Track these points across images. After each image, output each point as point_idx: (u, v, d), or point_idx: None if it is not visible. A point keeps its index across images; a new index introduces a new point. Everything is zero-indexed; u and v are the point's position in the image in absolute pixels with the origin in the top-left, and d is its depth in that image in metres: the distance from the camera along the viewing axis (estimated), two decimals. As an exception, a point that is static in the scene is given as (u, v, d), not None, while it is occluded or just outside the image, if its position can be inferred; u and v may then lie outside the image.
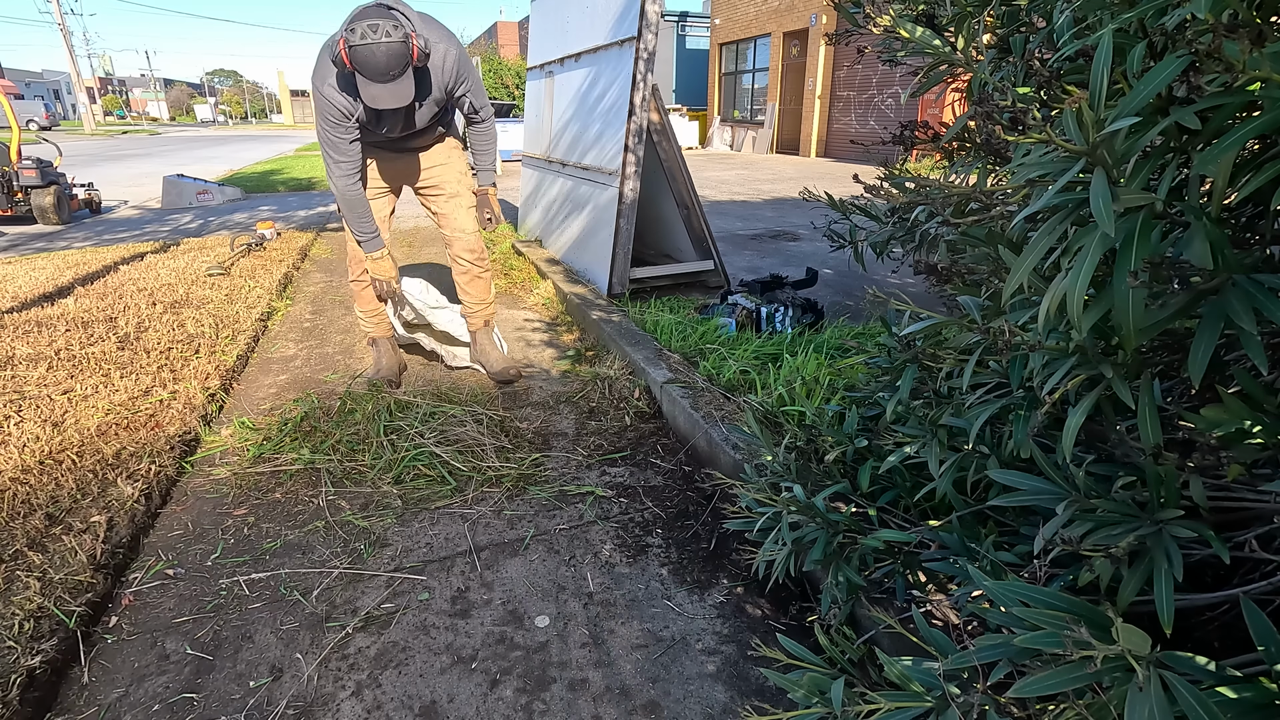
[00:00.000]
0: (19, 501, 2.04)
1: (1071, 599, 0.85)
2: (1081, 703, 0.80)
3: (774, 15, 16.80)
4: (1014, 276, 0.90)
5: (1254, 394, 0.84)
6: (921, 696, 0.97)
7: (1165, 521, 0.90)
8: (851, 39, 1.81)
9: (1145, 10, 0.85)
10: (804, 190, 2.44)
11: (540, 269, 4.94)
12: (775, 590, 1.79)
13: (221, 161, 17.14)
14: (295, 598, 1.78)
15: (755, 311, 3.40)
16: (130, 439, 2.43)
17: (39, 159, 7.67)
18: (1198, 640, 1.09)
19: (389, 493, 2.25)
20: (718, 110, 20.36)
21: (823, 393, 2.30)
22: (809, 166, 13.78)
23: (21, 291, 4.37)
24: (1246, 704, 0.72)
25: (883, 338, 1.59)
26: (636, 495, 2.25)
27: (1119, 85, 0.86)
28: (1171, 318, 0.84)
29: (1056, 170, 0.83)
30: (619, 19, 3.97)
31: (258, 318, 3.90)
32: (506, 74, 20.52)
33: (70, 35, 34.28)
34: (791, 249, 5.80)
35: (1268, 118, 0.71)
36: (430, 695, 1.48)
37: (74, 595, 1.68)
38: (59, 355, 3.19)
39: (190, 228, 7.45)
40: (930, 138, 1.72)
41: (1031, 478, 1.07)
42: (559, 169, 5.10)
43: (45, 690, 1.47)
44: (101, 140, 27.77)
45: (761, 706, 1.43)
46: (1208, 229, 0.76)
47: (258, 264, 5.22)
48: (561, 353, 3.54)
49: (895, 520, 1.48)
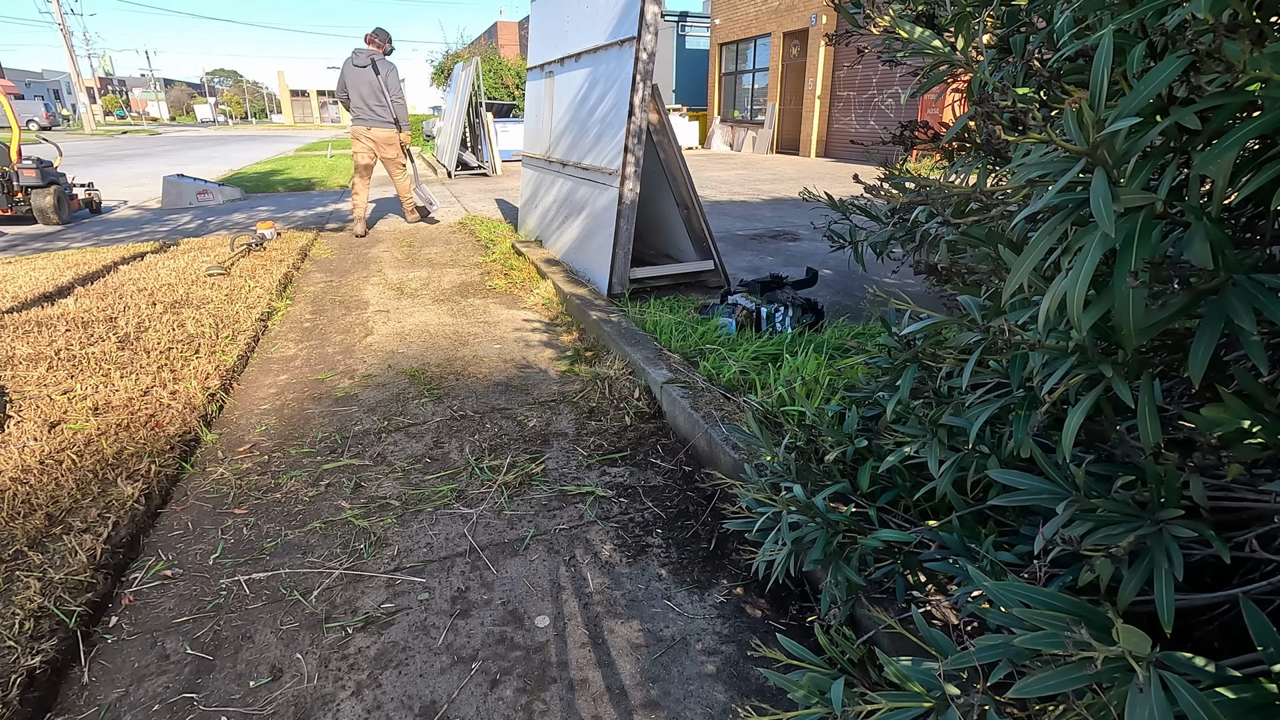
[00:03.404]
0: (19, 501, 2.04)
1: (1071, 599, 0.85)
2: (1081, 703, 0.80)
3: (774, 15, 16.80)
4: (1014, 276, 0.90)
5: (1254, 394, 0.84)
6: (921, 697, 0.97)
7: (1165, 521, 0.90)
8: (851, 39, 1.81)
9: (1145, 10, 0.85)
10: (804, 190, 2.44)
11: (540, 269, 4.94)
12: (775, 590, 1.79)
13: (221, 161, 17.14)
14: (295, 598, 1.78)
15: (755, 311, 3.40)
16: (130, 439, 2.43)
17: (39, 159, 7.67)
18: (1198, 640, 1.09)
19: (389, 492, 2.25)
20: (718, 110, 20.36)
21: (823, 393, 2.30)
22: (809, 166, 13.78)
23: (21, 291, 4.37)
24: (1246, 704, 0.72)
25: (883, 337, 1.59)
26: (636, 495, 2.25)
27: (1119, 85, 0.86)
28: (1172, 318, 0.84)
29: (1057, 170, 0.83)
30: (619, 19, 3.97)
31: (258, 318, 3.90)
32: (506, 74, 20.50)
33: (70, 35, 34.28)
34: (791, 249, 5.80)
35: (1267, 118, 0.71)
36: (430, 695, 1.48)
37: (74, 595, 1.68)
38: (59, 355, 3.19)
39: (189, 228, 7.45)
40: (930, 138, 1.72)
41: (1031, 477, 1.07)
42: (559, 169, 5.10)
43: (45, 690, 1.47)
44: (101, 140, 27.77)
45: (761, 707, 1.43)
46: (1208, 229, 0.76)
47: (258, 264, 5.22)
48: (561, 353, 3.54)
49: (895, 520, 1.48)
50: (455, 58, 22.87)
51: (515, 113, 16.38)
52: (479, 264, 5.66)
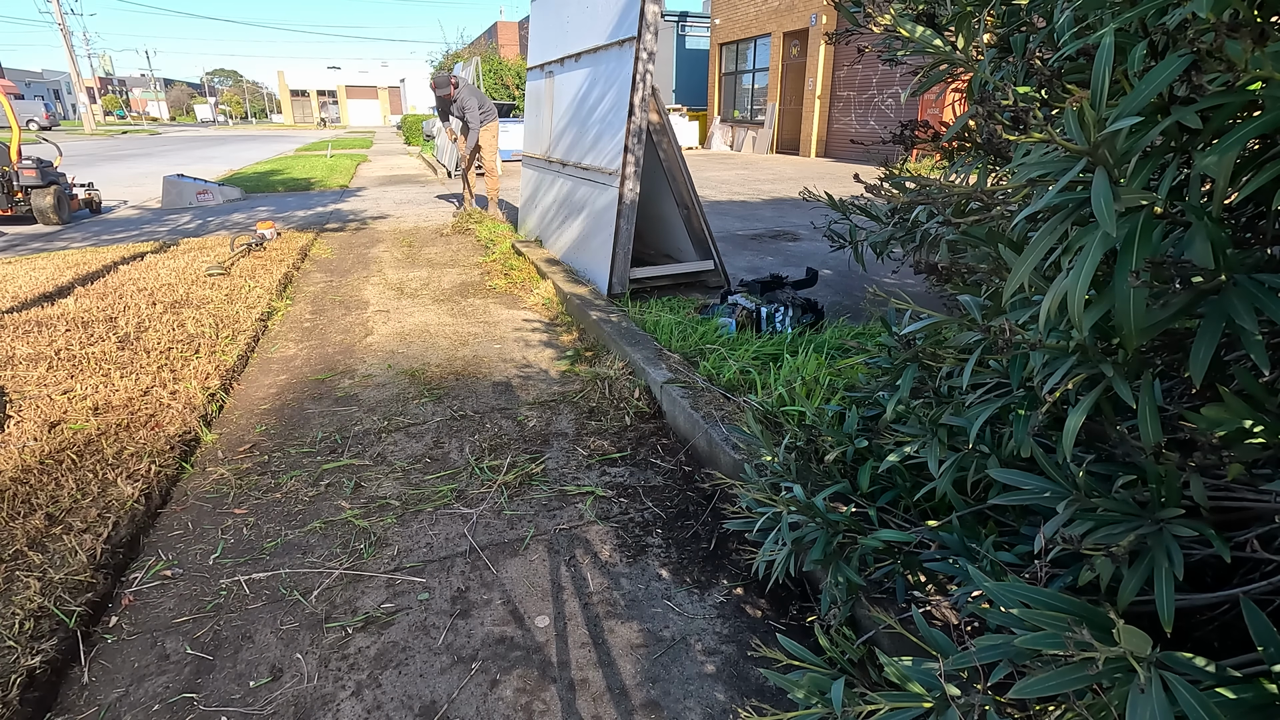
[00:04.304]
0: (19, 501, 2.04)
1: (1072, 599, 0.84)
2: (1082, 703, 0.79)
3: (774, 15, 16.79)
4: (1015, 276, 0.90)
5: (1255, 393, 0.84)
6: (921, 697, 0.97)
7: (1166, 521, 0.90)
8: (851, 38, 1.81)
9: (1146, 10, 0.85)
10: (804, 190, 2.44)
11: (540, 269, 4.94)
12: (775, 590, 1.79)
13: (221, 161, 17.13)
14: (295, 598, 1.78)
15: (755, 311, 3.39)
16: (130, 439, 2.43)
17: (39, 159, 7.67)
18: (1198, 640, 1.09)
19: (389, 492, 2.25)
20: (718, 110, 20.35)
21: (823, 393, 2.30)
22: (809, 166, 13.78)
23: (21, 291, 4.37)
24: (1246, 704, 0.72)
25: (883, 337, 1.59)
26: (636, 495, 2.25)
27: (1119, 84, 0.86)
28: (1173, 317, 0.84)
29: (1057, 170, 0.83)
30: (619, 19, 3.97)
31: (258, 318, 3.90)
32: (506, 74, 20.48)
33: (70, 35, 34.27)
34: (791, 249, 5.80)
35: (1268, 117, 0.71)
36: (430, 695, 1.48)
37: (74, 595, 1.68)
38: (59, 355, 3.19)
39: (189, 228, 7.45)
40: (930, 137, 1.72)
41: (1032, 477, 1.07)
42: (559, 169, 5.10)
43: (45, 690, 1.47)
44: (101, 140, 27.77)
45: (761, 707, 1.43)
46: (1209, 228, 0.76)
47: (258, 264, 5.22)
48: (561, 353, 3.54)
49: (895, 520, 1.48)
50: (455, 58, 22.86)
51: (515, 113, 16.36)
52: (479, 264, 5.66)
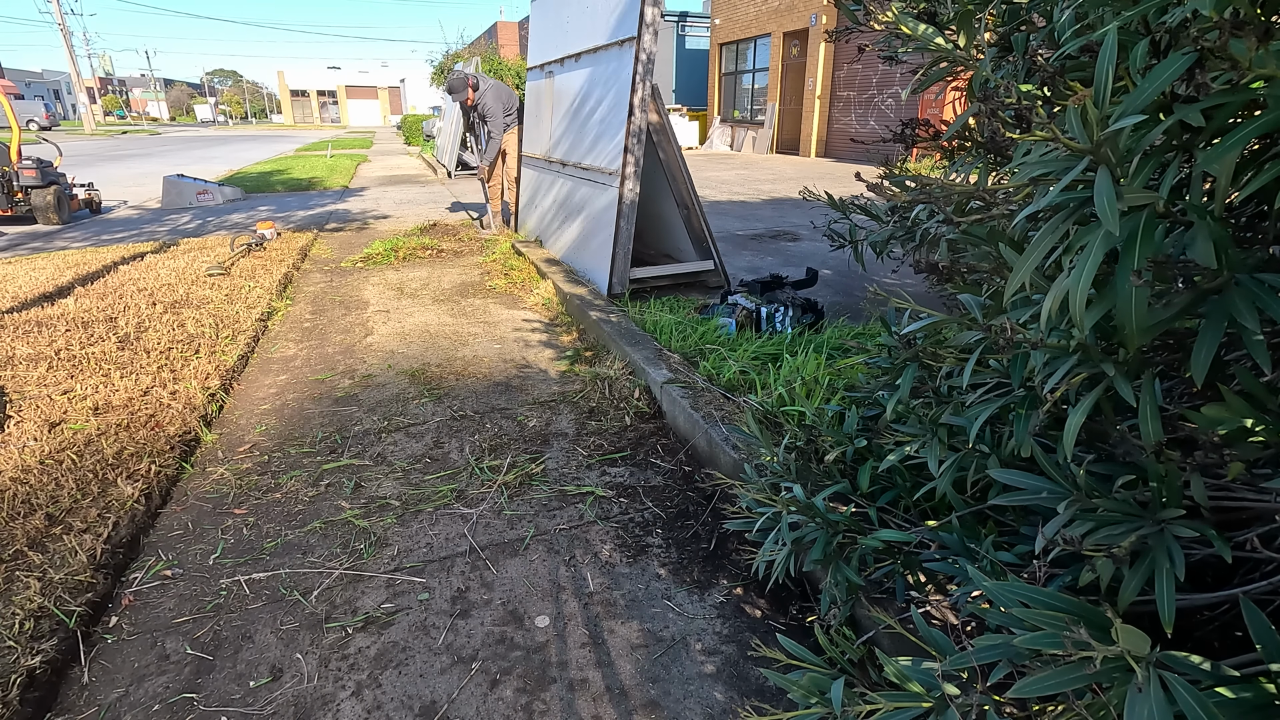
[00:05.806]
0: (19, 501, 2.04)
1: (1071, 599, 0.84)
2: (1081, 703, 0.79)
3: (774, 15, 16.79)
4: (1016, 275, 0.89)
5: (1256, 393, 0.84)
6: (921, 697, 0.97)
7: (1167, 521, 0.90)
8: (852, 36, 1.81)
9: (1147, 8, 0.85)
10: (804, 190, 2.44)
11: (540, 269, 4.93)
12: (775, 590, 1.79)
13: (221, 162, 17.13)
14: (295, 598, 1.77)
15: (755, 311, 3.39)
16: (130, 439, 2.43)
17: (39, 159, 7.67)
18: (1197, 640, 1.09)
19: (389, 492, 2.24)
20: (718, 110, 20.35)
21: (823, 393, 2.30)
22: (809, 166, 13.78)
23: (21, 291, 4.37)
24: (1245, 704, 0.72)
25: (883, 337, 1.59)
26: (636, 495, 2.25)
27: (1121, 82, 0.85)
28: (1174, 317, 0.84)
29: (1059, 169, 0.83)
30: (618, 19, 3.97)
31: (258, 318, 3.90)
32: (506, 74, 20.47)
33: (70, 35, 34.27)
34: (791, 249, 5.80)
35: (1270, 116, 0.71)
36: (430, 695, 1.48)
37: (74, 595, 1.67)
38: (59, 355, 3.19)
39: (189, 228, 7.45)
40: (931, 136, 1.71)
41: (1032, 477, 1.07)
42: (559, 169, 5.10)
43: (45, 690, 1.47)
44: (101, 140, 27.77)
45: (761, 706, 1.43)
46: (1211, 228, 0.76)
47: (258, 264, 5.22)
48: (561, 353, 3.54)
49: (895, 520, 1.48)
50: (455, 58, 22.83)
51: (515, 112, 16.33)
52: (479, 264, 5.66)
